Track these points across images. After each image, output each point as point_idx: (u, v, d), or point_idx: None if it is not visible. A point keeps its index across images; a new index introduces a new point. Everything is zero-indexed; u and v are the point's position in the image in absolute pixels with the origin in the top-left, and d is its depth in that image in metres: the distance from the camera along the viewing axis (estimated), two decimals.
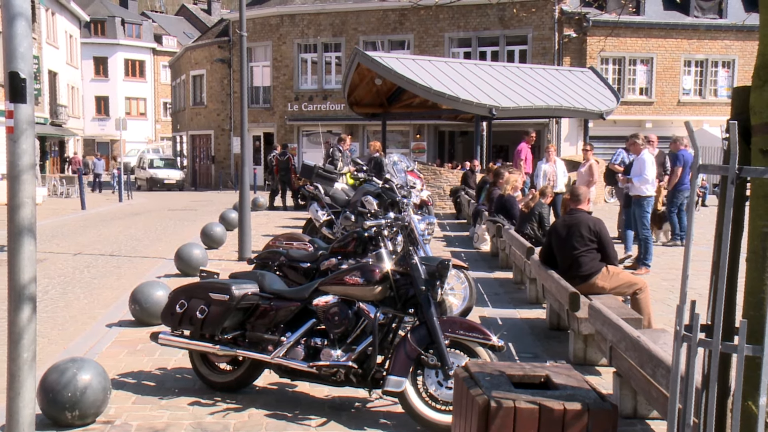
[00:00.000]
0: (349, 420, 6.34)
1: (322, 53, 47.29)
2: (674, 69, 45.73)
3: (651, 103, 44.96)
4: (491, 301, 11.51)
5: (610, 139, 35.79)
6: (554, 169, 19.11)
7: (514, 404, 3.83)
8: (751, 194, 3.47)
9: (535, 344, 9.09)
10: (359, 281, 6.46)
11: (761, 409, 3.42)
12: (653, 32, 45.10)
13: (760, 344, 3.41)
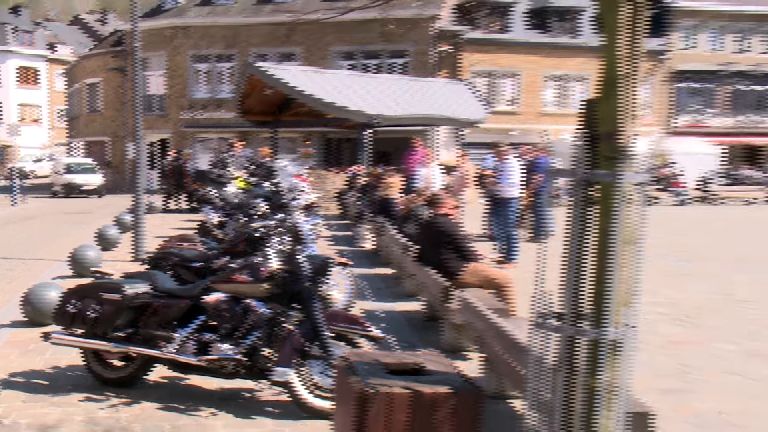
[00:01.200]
0: (238, 409, 6.36)
1: (215, 64, 47.07)
2: (537, 83, 46.93)
3: (518, 113, 45.97)
4: (373, 295, 11.63)
5: (482, 145, 36.29)
6: (431, 173, 19.42)
7: (389, 390, 3.91)
8: (598, 195, 3.63)
9: (412, 334, 9.24)
10: (247, 279, 6.51)
11: (602, 386, 3.61)
12: (519, 50, 46.23)
13: (603, 329, 3.60)
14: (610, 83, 3.55)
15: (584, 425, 3.65)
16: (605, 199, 3.57)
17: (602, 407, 3.64)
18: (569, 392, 3.67)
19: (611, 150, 3.54)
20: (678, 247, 19.10)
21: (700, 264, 16.46)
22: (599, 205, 3.61)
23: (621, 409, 3.71)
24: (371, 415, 3.87)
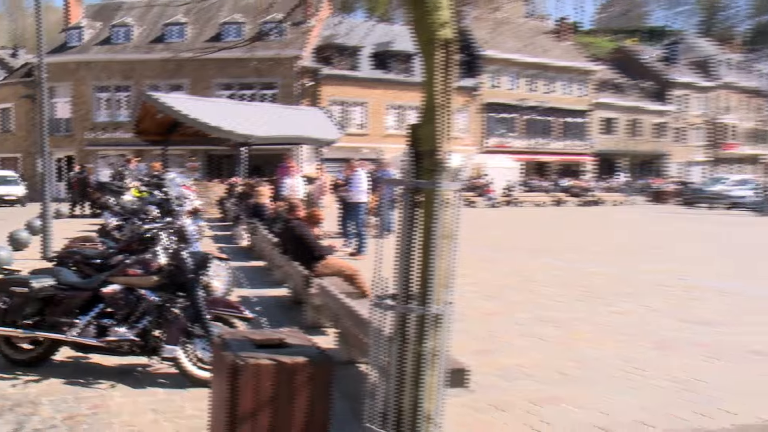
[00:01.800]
0: (134, 382, 6.16)
1: (114, 93, 46.04)
2: (381, 111, 47.45)
3: (366, 135, 46.31)
4: (248, 283, 11.48)
5: (337, 160, 36.39)
6: (296, 183, 19.35)
7: (256, 361, 3.87)
8: (423, 200, 3.66)
9: (281, 315, 9.14)
10: (139, 272, 6.38)
11: (426, 351, 3.63)
12: (366, 84, 46.73)
13: (427, 306, 3.62)
14: (430, 111, 3.59)
15: (414, 382, 3.67)
16: (428, 203, 3.60)
17: (428, 368, 3.67)
18: (402, 357, 3.68)
19: (432, 164, 3.57)
20: (489, 240, 19.55)
21: (505, 252, 16.90)
22: (424, 207, 3.63)
23: (442, 369, 3.74)
24: (242, 382, 3.82)
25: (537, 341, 8.04)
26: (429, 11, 3.57)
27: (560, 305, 10.24)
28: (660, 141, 67.82)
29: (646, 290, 11.69)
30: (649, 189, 52.00)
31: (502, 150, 52.50)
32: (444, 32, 3.59)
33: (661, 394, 6.23)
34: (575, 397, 6.06)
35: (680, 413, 5.76)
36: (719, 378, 6.79)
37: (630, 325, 8.98)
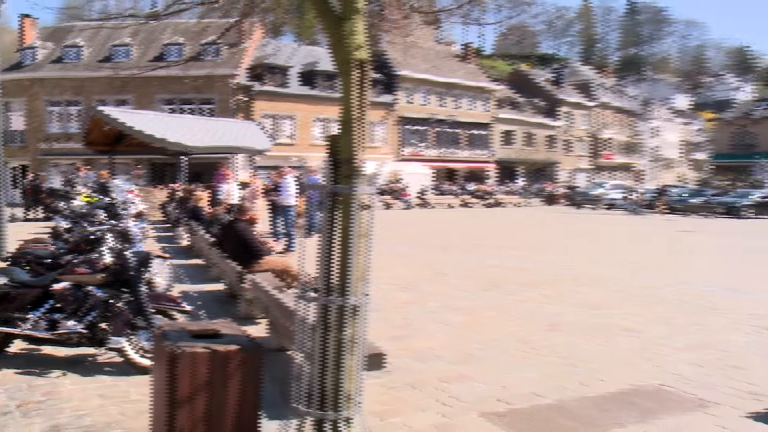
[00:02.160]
0: (83, 371, 5.95)
1: (66, 107, 44.55)
2: (309, 123, 47.16)
3: (295, 145, 45.92)
4: (188, 279, 11.22)
5: (268, 167, 36.02)
6: (231, 188, 19.05)
7: (192, 350, 3.78)
8: (341, 203, 3.63)
9: (217, 308, 8.95)
10: (86, 271, 6.18)
11: (346, 338, 3.61)
12: (295, 99, 46.47)
13: (346, 297, 3.59)
14: (347, 124, 3.57)
15: (336, 366, 3.65)
16: (345, 205, 3.58)
17: (347, 353, 3.65)
18: (324, 343, 3.65)
19: (349, 171, 3.55)
20: (405, 238, 19.63)
21: (419, 249, 16.99)
22: (342, 210, 3.61)
23: (361, 353, 3.73)
24: (180, 369, 3.72)
25: (446, 327, 8.09)
26: (346, 35, 3.56)
27: (467, 295, 10.33)
28: (551, 151, 69.38)
29: (542, 280, 11.90)
30: (543, 192, 53.13)
31: (416, 158, 52.85)
32: (359, 54, 3.57)
33: (552, 369, 6.35)
34: (479, 374, 6.12)
35: (567, 384, 5.88)
36: (597, 352, 6.97)
37: (527, 311, 9.12)
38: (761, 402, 5.54)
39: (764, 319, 8.89)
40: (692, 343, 7.51)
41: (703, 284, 11.75)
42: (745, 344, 7.50)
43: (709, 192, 42.28)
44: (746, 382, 6.06)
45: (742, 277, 12.77)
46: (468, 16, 10.77)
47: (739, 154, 55.61)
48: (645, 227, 26.68)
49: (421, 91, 55.19)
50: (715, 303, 9.98)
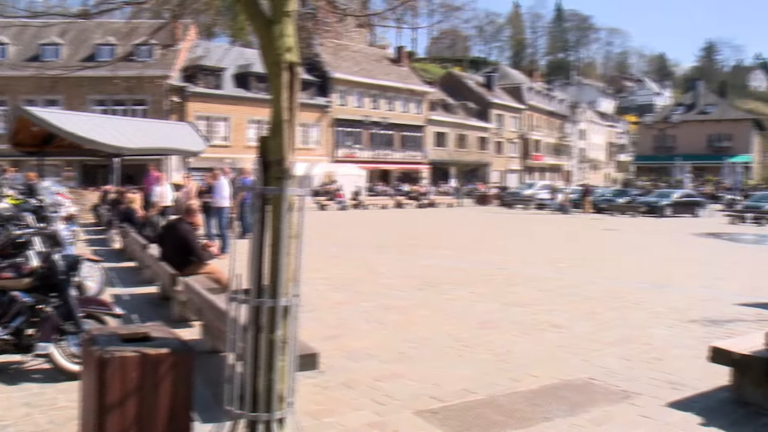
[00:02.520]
0: (8, 379, 5.71)
1: None
2: (243, 125, 46.75)
3: (229, 147, 45.45)
4: (120, 283, 10.96)
5: (202, 169, 35.50)
6: (165, 191, 18.69)
7: (122, 354, 3.69)
8: (271, 204, 3.60)
9: (150, 311, 8.76)
10: (11, 276, 5.96)
11: (278, 339, 3.58)
12: (229, 101, 46.01)
13: (277, 299, 3.56)
14: (277, 126, 3.55)
15: (268, 367, 3.61)
16: (275, 207, 3.54)
17: (279, 354, 3.62)
18: (256, 344, 3.61)
19: (279, 172, 3.52)
20: (339, 239, 19.61)
21: (353, 249, 16.98)
22: (272, 211, 3.57)
23: (293, 354, 3.70)
24: (109, 374, 3.62)
25: (380, 326, 8.10)
26: (276, 38, 3.53)
27: (401, 294, 10.36)
28: (483, 152, 70.33)
29: (474, 279, 12.03)
30: (475, 193, 53.79)
31: (351, 160, 52.89)
32: (289, 56, 3.55)
33: (484, 366, 6.43)
34: (413, 373, 6.15)
35: (498, 380, 5.96)
36: (528, 349, 7.09)
37: (460, 309, 9.21)
38: (679, 391, 5.74)
39: (683, 312, 9.19)
40: (618, 337, 7.71)
41: (628, 281, 12.09)
42: (666, 337, 7.74)
43: (633, 192, 43.54)
44: (666, 372, 6.28)
45: (664, 273, 13.18)
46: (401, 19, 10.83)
47: (660, 156, 57.52)
48: (573, 226, 27.29)
49: (355, 93, 55.30)
50: (638, 298, 10.27)
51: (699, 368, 6.27)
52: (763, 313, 9.25)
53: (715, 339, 6.68)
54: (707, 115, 77.43)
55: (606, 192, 45.22)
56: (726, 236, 23.36)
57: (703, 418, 5.12)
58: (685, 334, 7.92)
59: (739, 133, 76.60)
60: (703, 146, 75.60)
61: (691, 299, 10.29)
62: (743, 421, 5.12)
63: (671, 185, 52.28)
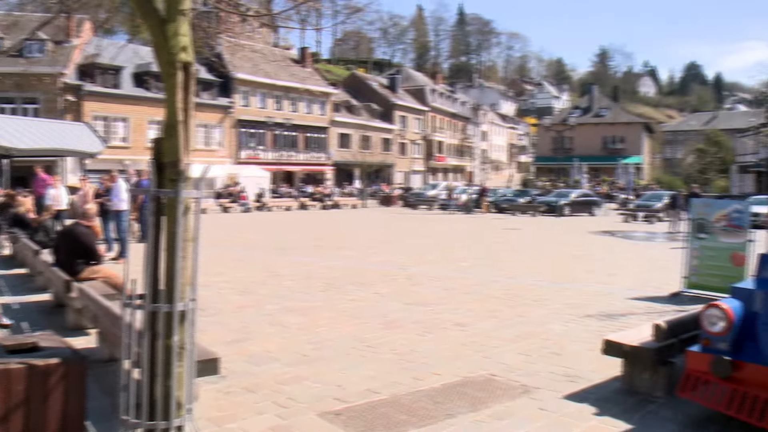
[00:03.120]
0: None
1: None
2: (143, 126, 45.33)
3: (129, 148, 44.07)
4: (9, 291, 10.43)
5: (100, 171, 34.30)
6: (59, 193, 17.93)
7: (6, 366, 3.52)
8: (167, 207, 3.52)
9: (43, 320, 8.37)
10: None
11: (175, 344, 3.50)
12: (128, 101, 44.55)
13: (173, 303, 3.49)
14: (171, 127, 3.47)
15: (165, 373, 3.52)
16: (170, 209, 3.47)
17: (177, 360, 3.53)
18: (153, 351, 3.52)
19: (173, 174, 3.45)
20: (243, 241, 19.35)
21: (257, 252, 16.78)
22: (167, 214, 3.49)
23: (192, 359, 3.63)
24: None
25: (283, 329, 8.04)
26: (170, 37, 3.45)
27: (305, 296, 10.32)
28: (387, 153, 70.85)
29: (377, 280, 12.11)
30: (379, 194, 54.15)
31: (254, 161, 52.28)
32: (184, 56, 3.48)
33: (387, 366, 6.47)
34: (316, 375, 6.13)
35: (401, 380, 6.02)
36: (430, 347, 7.20)
37: (363, 310, 9.25)
38: (576, 383, 5.97)
39: (580, 308, 9.55)
40: (518, 334, 7.92)
41: (528, 278, 12.45)
42: (564, 332, 8.02)
43: (533, 192, 44.87)
44: (564, 366, 6.51)
45: (562, 271, 13.64)
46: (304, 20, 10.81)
47: (558, 157, 59.49)
48: (475, 226, 27.86)
49: (258, 94, 54.67)
50: (538, 296, 10.59)
51: (594, 361, 6.53)
52: (653, 306, 9.73)
53: (608, 332, 6.96)
54: (602, 118, 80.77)
55: (507, 192, 46.44)
56: (620, 234, 24.41)
57: (597, 408, 5.34)
58: (581, 328, 8.23)
59: (630, 135, 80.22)
60: (599, 148, 78.81)
61: (587, 295, 10.70)
62: (633, 408, 5.37)
63: (569, 185, 54.20)
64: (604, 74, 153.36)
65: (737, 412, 4.74)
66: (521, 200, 40.34)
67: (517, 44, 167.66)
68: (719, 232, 10.58)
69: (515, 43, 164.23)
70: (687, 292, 10.81)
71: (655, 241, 22.10)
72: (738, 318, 5.04)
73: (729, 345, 4.98)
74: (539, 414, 5.23)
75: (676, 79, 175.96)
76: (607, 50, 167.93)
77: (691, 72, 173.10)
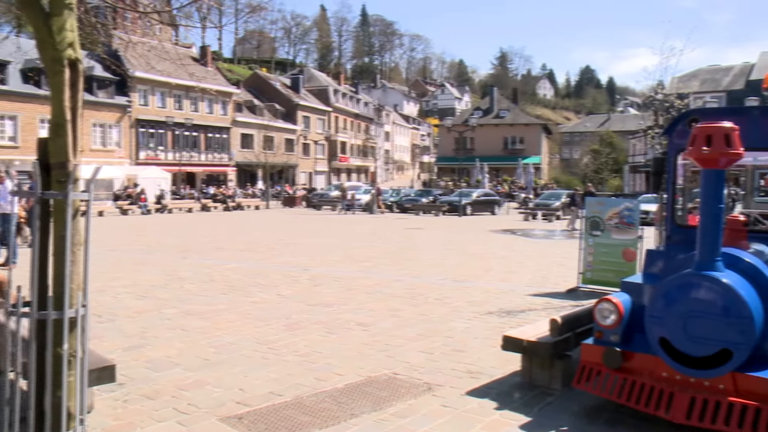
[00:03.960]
0: None
1: None
2: (34, 124, 43.33)
3: (18, 147, 42.10)
4: None
5: None
6: None
7: None
8: (54, 210, 3.38)
9: None
10: None
11: (65, 352, 3.36)
12: (17, 98, 42.50)
13: (62, 310, 3.35)
14: (58, 126, 3.34)
15: (55, 383, 3.38)
16: (59, 212, 3.33)
17: (67, 369, 3.40)
18: (41, 360, 3.37)
19: (61, 176, 3.32)
20: (142, 244, 18.80)
21: (157, 254, 16.33)
22: (55, 217, 3.35)
23: (84, 368, 3.50)
24: None
25: (183, 333, 7.87)
26: (55, 32, 3.31)
27: (205, 299, 10.12)
28: (290, 154, 70.37)
29: (280, 281, 12.01)
30: (282, 195, 53.74)
31: (154, 162, 50.91)
32: (71, 52, 3.35)
33: (290, 368, 6.43)
34: (217, 379, 6.03)
35: (305, 381, 6.00)
36: (334, 348, 7.20)
37: (265, 312, 9.16)
38: (477, 379, 6.10)
39: (481, 305, 9.76)
40: (420, 332, 8.03)
41: (431, 277, 12.63)
42: (466, 329, 8.18)
43: (436, 192, 45.54)
44: (466, 363, 6.64)
45: (464, 269, 13.91)
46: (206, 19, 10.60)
47: (460, 158, 60.57)
48: (378, 226, 28.04)
49: (158, 93, 53.24)
50: (440, 294, 10.76)
51: (495, 357, 6.70)
52: (551, 302, 10.06)
53: (508, 329, 7.15)
54: (502, 119, 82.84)
55: (410, 192, 46.97)
56: (520, 232, 25.12)
57: (498, 403, 5.48)
58: (482, 325, 8.42)
59: (530, 136, 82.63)
60: (499, 148, 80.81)
61: (488, 293, 10.95)
62: (532, 402, 5.54)
63: (471, 185, 55.32)
64: (505, 76, 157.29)
65: (627, 400, 4.97)
66: (424, 200, 40.87)
67: (419, 46, 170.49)
68: (612, 230, 11.06)
69: (418, 44, 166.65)
70: (583, 287, 11.25)
71: (554, 238, 22.86)
72: (628, 311, 5.28)
73: (620, 337, 5.21)
74: (442, 411, 5.32)
75: (573, 82, 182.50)
76: (507, 53, 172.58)
77: (586, 76, 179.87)
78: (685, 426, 4.70)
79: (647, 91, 22.99)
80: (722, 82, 55.77)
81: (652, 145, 25.66)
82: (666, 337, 4.78)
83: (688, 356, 4.72)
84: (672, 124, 6.29)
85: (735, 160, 4.64)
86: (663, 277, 5.18)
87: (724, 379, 4.64)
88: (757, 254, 5.20)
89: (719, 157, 4.51)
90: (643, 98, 35.82)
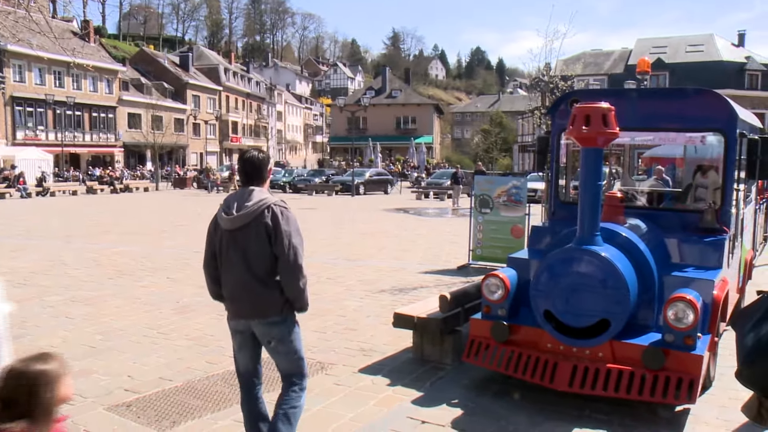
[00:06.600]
0: None
1: None
2: None
3: None
4: None
5: None
6: None
7: None
8: None
9: None
10: None
11: None
12: None
13: None
14: None
15: None
16: None
17: None
18: None
19: None
20: (23, 229, 17.91)
21: (38, 240, 15.57)
22: None
23: None
24: None
25: (67, 321, 7.58)
26: None
27: (91, 285, 9.77)
28: (180, 134, 68.42)
29: (170, 264, 11.75)
30: (172, 176, 52.32)
31: (33, 142, 48.28)
32: None
33: (180, 352, 6.32)
34: (105, 367, 5.86)
35: (196, 365, 5.92)
36: (225, 330, 7.02)
37: (155, 296, 8.94)
38: (370, 357, 6.20)
39: (374, 284, 9.87)
40: (312, 311, 7.95)
41: (323, 257, 12.64)
42: (359, 308, 8.26)
43: (329, 172, 45.47)
44: (359, 341, 6.73)
45: (357, 248, 14.00)
46: None
47: (353, 137, 60.58)
48: None
49: (35, 69, 50.46)
50: (333, 273, 10.80)
51: (387, 334, 6.80)
52: (442, 279, 10.28)
53: (400, 306, 7.26)
54: (395, 99, 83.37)
55: (303, 172, 46.71)
56: (413, 211, 25.46)
57: (390, 379, 5.58)
58: (375, 303, 8.52)
59: (422, 116, 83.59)
60: (392, 128, 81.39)
61: (380, 271, 11.07)
62: (424, 376, 5.66)
63: (364, 165, 55.53)
64: (397, 56, 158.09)
65: (514, 372, 5.16)
66: (317, 180, 40.75)
67: (312, 24, 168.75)
68: (501, 207, 11.37)
69: (310, 23, 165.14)
70: (474, 264, 11.55)
71: (446, 216, 23.31)
72: (514, 286, 5.47)
73: (507, 311, 5.40)
74: (335, 389, 5.36)
75: (464, 63, 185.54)
76: (399, 33, 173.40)
77: (476, 57, 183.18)
78: (570, 393, 4.93)
79: (534, 73, 23.72)
80: (604, 66, 58.17)
81: (538, 125, 26.51)
82: (550, 309, 4.99)
83: (571, 327, 4.94)
84: (555, 104, 6.53)
85: (612, 139, 4.87)
86: (547, 252, 5.38)
87: (603, 348, 4.89)
88: (633, 229, 5.49)
89: (597, 136, 4.71)
90: (530, 80, 36.88)
